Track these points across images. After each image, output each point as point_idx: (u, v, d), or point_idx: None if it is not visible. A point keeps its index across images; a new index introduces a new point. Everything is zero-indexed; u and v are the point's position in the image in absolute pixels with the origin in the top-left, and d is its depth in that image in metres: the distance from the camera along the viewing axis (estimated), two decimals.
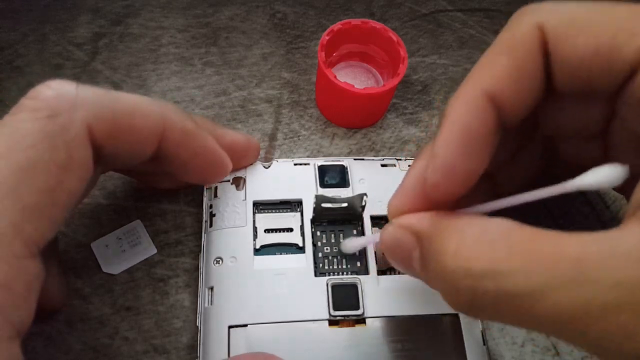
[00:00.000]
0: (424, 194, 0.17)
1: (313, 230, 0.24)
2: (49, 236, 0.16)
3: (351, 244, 0.23)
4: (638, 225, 0.12)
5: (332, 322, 0.22)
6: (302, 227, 0.24)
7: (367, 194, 0.24)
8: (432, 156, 0.16)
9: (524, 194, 0.16)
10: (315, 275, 0.23)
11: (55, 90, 0.16)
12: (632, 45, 0.14)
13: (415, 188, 0.18)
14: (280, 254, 0.24)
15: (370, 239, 0.23)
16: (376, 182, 0.26)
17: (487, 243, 0.13)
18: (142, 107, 0.18)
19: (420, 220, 0.17)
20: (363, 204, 0.24)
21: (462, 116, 0.16)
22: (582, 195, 0.28)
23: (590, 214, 0.27)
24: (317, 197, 0.23)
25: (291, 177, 0.26)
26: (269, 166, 0.26)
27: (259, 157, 0.26)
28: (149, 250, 0.25)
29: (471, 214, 0.16)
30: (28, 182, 0.15)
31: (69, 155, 0.16)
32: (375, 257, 0.24)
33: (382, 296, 0.23)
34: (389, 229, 0.18)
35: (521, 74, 0.16)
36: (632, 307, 0.11)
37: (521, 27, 0.16)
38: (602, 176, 0.14)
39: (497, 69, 0.16)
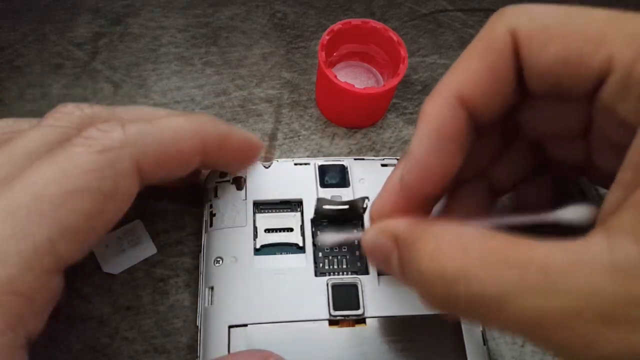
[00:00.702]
0: (403, 196, 0.18)
1: (313, 230, 0.24)
2: (79, 257, 0.17)
3: (328, 239, 0.23)
4: (604, 234, 0.12)
5: (332, 322, 0.22)
6: (302, 227, 0.24)
7: (368, 194, 0.24)
8: (407, 155, 0.17)
9: (506, 217, 0.16)
10: (316, 275, 0.23)
11: (104, 132, 0.17)
12: (599, 55, 0.14)
13: (396, 190, 0.18)
14: (281, 253, 0.24)
15: (349, 236, 0.23)
16: (376, 182, 0.26)
17: (460, 248, 0.14)
18: (182, 132, 0.20)
19: (398, 224, 0.17)
20: (365, 206, 0.24)
21: (435, 117, 0.17)
22: (582, 195, 0.28)
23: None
24: (318, 200, 0.23)
25: (291, 177, 0.26)
26: (269, 166, 0.26)
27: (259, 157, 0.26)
28: (149, 250, 0.25)
29: (449, 220, 0.17)
30: (72, 205, 0.16)
31: (115, 187, 0.17)
32: None
33: (382, 296, 0.23)
34: (370, 232, 0.19)
35: (492, 77, 0.16)
36: (592, 316, 0.11)
37: (495, 31, 0.16)
38: (579, 214, 0.15)
39: (468, 71, 0.16)
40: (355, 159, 0.27)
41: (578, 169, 0.20)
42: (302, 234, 0.24)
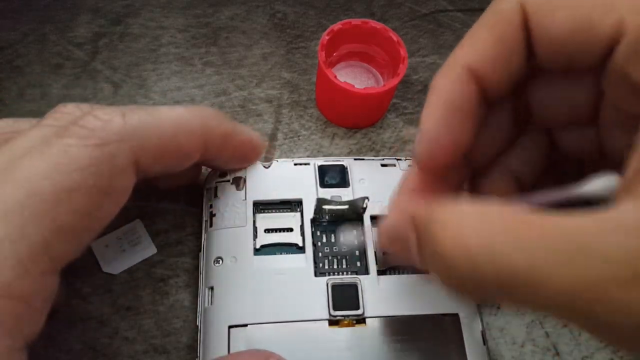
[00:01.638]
0: (419, 174, 0.18)
1: (313, 230, 0.24)
2: (75, 256, 0.17)
3: (350, 237, 0.24)
4: (631, 200, 0.12)
5: (332, 322, 0.22)
6: (302, 227, 0.24)
7: (368, 194, 0.24)
8: (419, 130, 0.17)
9: (526, 197, 0.16)
10: (315, 275, 0.23)
11: (103, 121, 0.16)
12: (608, 19, 0.14)
13: (412, 177, 0.18)
14: (280, 253, 0.24)
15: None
16: (376, 182, 0.26)
17: (484, 222, 0.13)
18: (184, 125, 0.19)
19: (415, 204, 0.17)
20: (364, 206, 0.24)
21: (444, 89, 0.17)
22: None
23: None
24: (318, 200, 0.23)
25: (291, 177, 0.26)
26: (269, 166, 0.26)
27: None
28: (149, 250, 0.25)
29: (466, 197, 0.17)
30: (67, 204, 0.15)
31: (112, 183, 0.16)
32: (375, 257, 0.24)
33: (382, 296, 0.23)
34: (387, 218, 0.18)
35: (501, 47, 0.16)
36: (631, 280, 0.11)
37: (503, 2, 0.16)
38: (604, 184, 0.14)
39: (478, 43, 0.16)
40: (355, 159, 0.27)
41: (591, 162, 0.20)
42: (302, 234, 0.24)
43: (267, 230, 0.24)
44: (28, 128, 0.18)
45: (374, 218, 0.25)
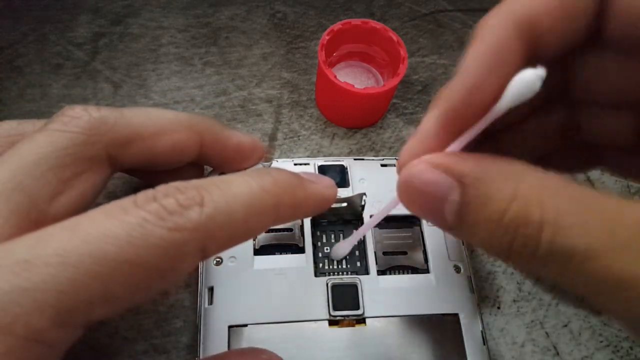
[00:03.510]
0: (443, 127, 0.16)
1: (313, 230, 0.24)
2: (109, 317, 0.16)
3: (341, 250, 0.23)
4: None
5: (332, 322, 0.22)
6: (302, 227, 0.24)
7: (367, 193, 0.24)
8: (459, 74, 0.15)
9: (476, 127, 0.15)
10: (315, 275, 0.23)
11: (183, 207, 0.16)
12: None
13: (431, 130, 0.16)
14: (280, 254, 0.24)
15: (358, 233, 0.23)
16: (376, 182, 0.26)
17: (549, 192, 0.13)
18: (168, 128, 0.20)
19: (461, 160, 0.15)
20: (363, 203, 0.24)
21: (495, 36, 0.15)
22: None
23: None
24: None
25: None
26: (269, 166, 0.26)
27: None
28: None
29: (519, 161, 0.15)
30: (125, 276, 0.15)
31: (173, 267, 0.16)
32: (375, 257, 0.24)
33: (382, 296, 0.23)
34: (416, 168, 0.15)
35: (570, 5, 0.15)
36: None
37: None
38: (526, 81, 0.13)
39: None
40: (355, 159, 0.27)
41: (614, 149, 0.19)
42: (302, 234, 0.24)
43: (267, 230, 0.24)
44: (35, 131, 0.18)
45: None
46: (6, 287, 0.13)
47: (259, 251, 0.24)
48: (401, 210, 0.17)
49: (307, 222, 0.24)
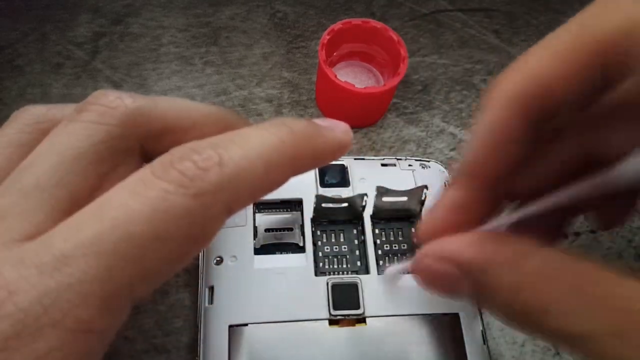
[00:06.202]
0: (459, 209, 0.17)
1: (313, 229, 0.24)
2: (151, 293, 0.16)
3: (393, 273, 0.23)
4: None
5: (332, 322, 0.22)
6: (302, 226, 0.24)
7: (367, 193, 0.24)
8: (477, 129, 0.16)
9: (552, 196, 0.15)
10: (316, 275, 0.23)
11: (202, 170, 0.15)
12: None
13: (450, 205, 0.17)
14: (281, 253, 0.24)
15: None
16: (376, 182, 0.26)
17: (546, 279, 0.13)
18: (200, 121, 0.19)
19: (462, 249, 0.15)
20: (364, 203, 0.24)
21: (491, 119, 0.15)
22: None
23: None
24: (317, 197, 0.23)
25: None
26: None
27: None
28: None
29: (522, 241, 0.15)
30: (159, 251, 0.15)
31: (203, 232, 0.16)
32: (376, 256, 0.24)
33: (382, 296, 0.23)
34: (424, 259, 0.17)
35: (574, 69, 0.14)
36: None
37: (602, 22, 0.14)
38: None
39: (549, 52, 0.14)
40: (355, 159, 0.27)
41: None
42: (302, 234, 0.24)
43: (267, 230, 0.24)
44: (67, 120, 0.17)
45: (373, 217, 0.25)
46: (52, 284, 0.13)
47: (259, 250, 0.24)
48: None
49: (308, 222, 0.24)
